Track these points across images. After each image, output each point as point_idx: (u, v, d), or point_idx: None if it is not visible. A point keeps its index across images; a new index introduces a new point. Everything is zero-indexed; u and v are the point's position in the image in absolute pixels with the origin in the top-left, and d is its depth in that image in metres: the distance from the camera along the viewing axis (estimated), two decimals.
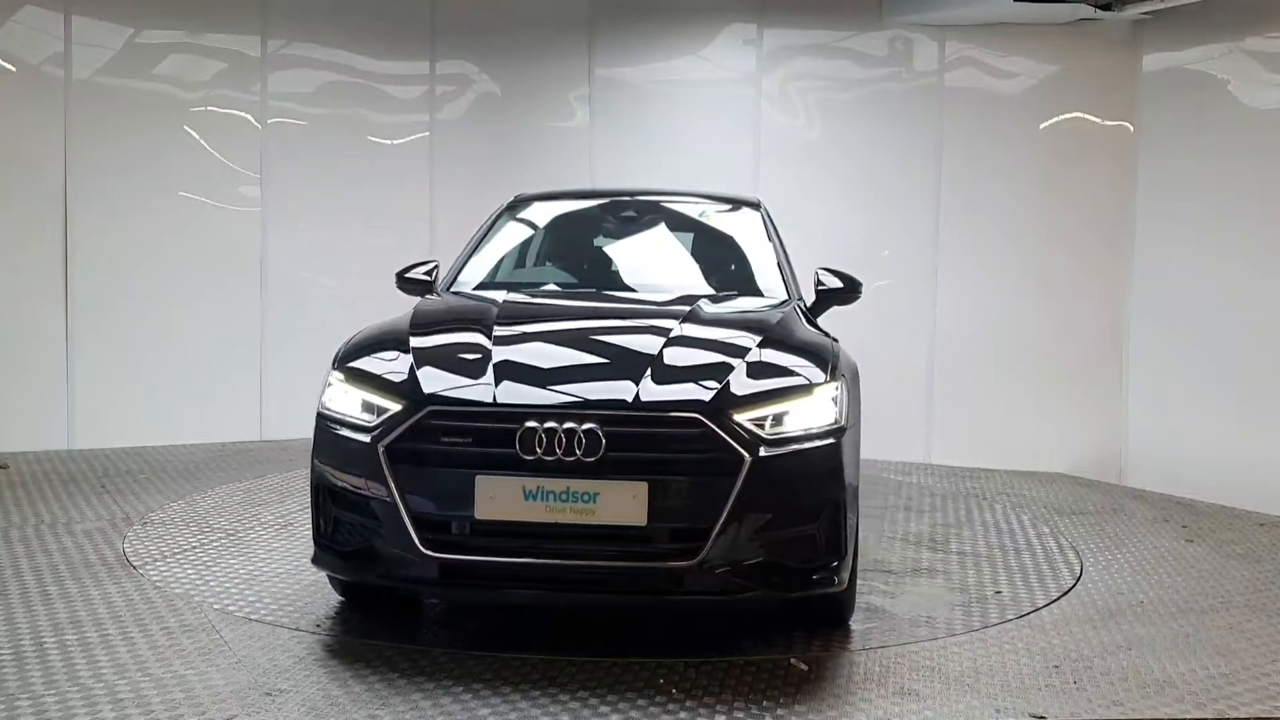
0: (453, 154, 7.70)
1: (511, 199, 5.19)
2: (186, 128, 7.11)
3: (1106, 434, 6.88)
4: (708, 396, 3.28)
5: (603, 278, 4.73)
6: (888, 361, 7.09)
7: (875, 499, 5.99)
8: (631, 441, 3.20)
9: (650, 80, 7.63)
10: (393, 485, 3.23)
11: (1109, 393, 6.87)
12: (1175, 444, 6.50)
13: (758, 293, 4.43)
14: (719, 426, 3.20)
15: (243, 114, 7.25)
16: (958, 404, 7.16)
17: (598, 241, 5.03)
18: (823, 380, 3.46)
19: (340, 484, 3.38)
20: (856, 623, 3.83)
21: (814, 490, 3.32)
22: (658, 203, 5.18)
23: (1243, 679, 3.43)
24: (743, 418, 3.25)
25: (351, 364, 3.55)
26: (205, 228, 7.14)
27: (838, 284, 4.49)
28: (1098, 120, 6.96)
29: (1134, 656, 3.60)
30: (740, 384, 3.37)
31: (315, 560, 3.51)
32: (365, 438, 3.29)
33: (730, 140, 7.45)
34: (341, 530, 3.40)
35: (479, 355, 3.49)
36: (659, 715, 2.99)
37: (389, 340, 3.66)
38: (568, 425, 3.16)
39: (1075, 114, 6.99)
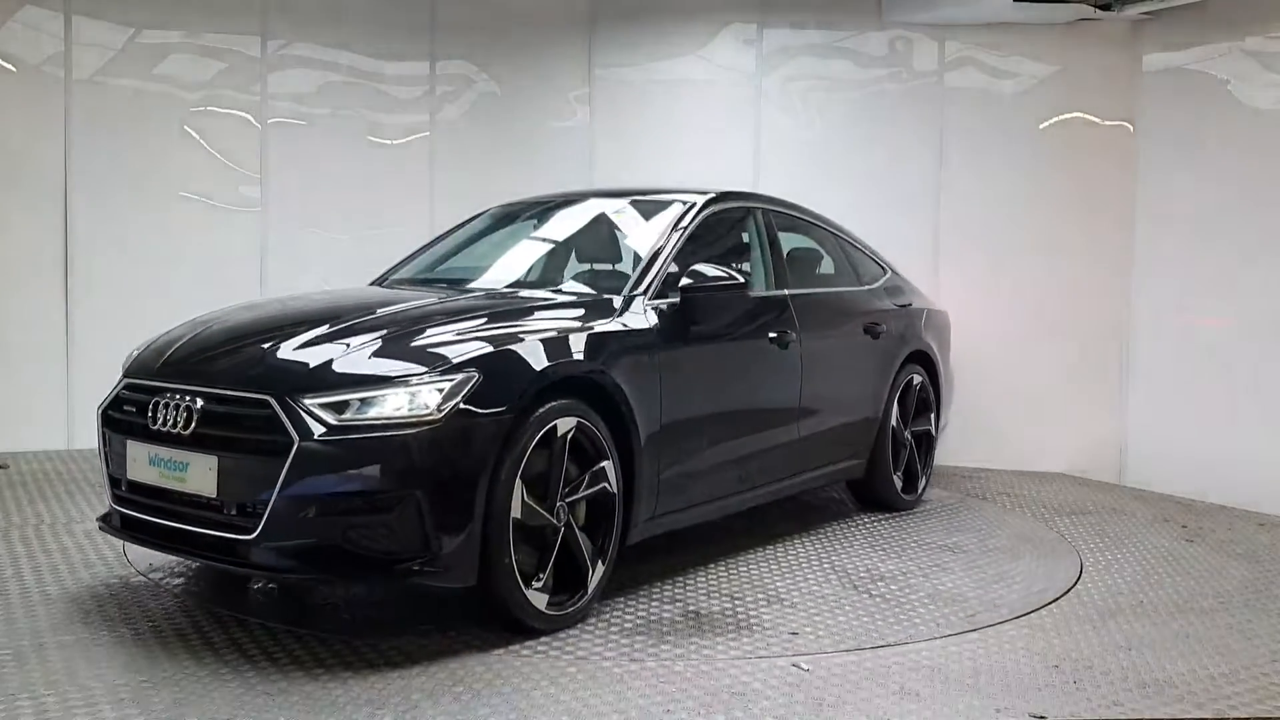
0: (453, 154, 7.71)
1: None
2: (186, 128, 7.11)
3: (1106, 434, 6.88)
4: (276, 379, 3.43)
5: (466, 274, 4.88)
6: None
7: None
8: (214, 419, 3.45)
9: (650, 80, 7.63)
10: (100, 445, 3.85)
11: (1109, 393, 6.87)
12: (1175, 444, 6.50)
13: (598, 288, 4.38)
14: (282, 409, 3.30)
15: (243, 114, 7.25)
16: (957, 404, 7.15)
17: (502, 242, 5.16)
18: (423, 371, 3.40)
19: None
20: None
21: (389, 480, 3.27)
22: (591, 203, 5.21)
23: (1243, 679, 3.43)
24: (313, 402, 3.30)
25: (135, 350, 4.09)
26: (205, 228, 7.14)
27: (708, 282, 4.30)
28: (1098, 120, 6.96)
29: (1134, 656, 3.60)
30: (327, 370, 3.44)
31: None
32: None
33: (730, 140, 7.45)
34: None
35: (179, 339, 3.95)
36: (659, 715, 2.99)
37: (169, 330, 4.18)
38: (179, 402, 3.51)
39: (1075, 114, 6.99)
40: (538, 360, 3.62)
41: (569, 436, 3.66)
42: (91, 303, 6.84)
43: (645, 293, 4.26)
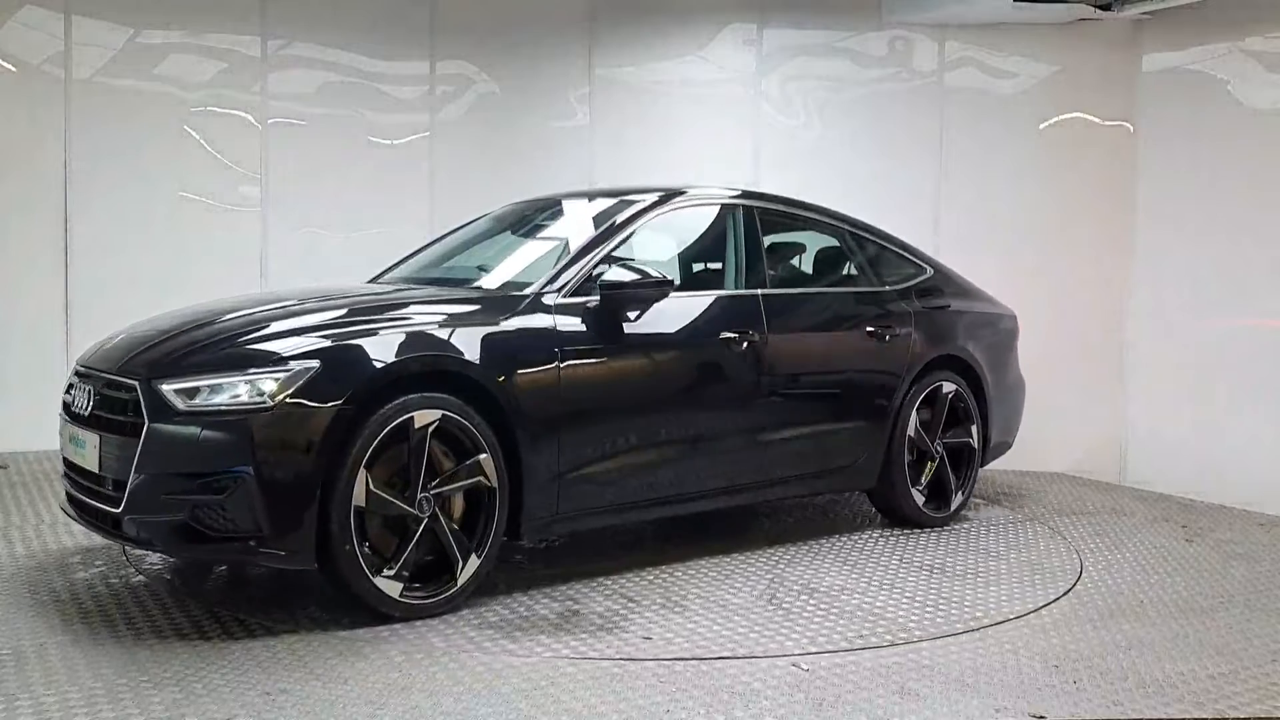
0: (453, 154, 7.71)
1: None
2: (186, 128, 7.12)
3: (1106, 434, 6.88)
4: (147, 365, 3.66)
5: (450, 273, 4.96)
6: None
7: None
8: (103, 401, 3.75)
9: (650, 80, 7.63)
10: (59, 430, 4.04)
11: (1109, 393, 6.88)
12: (1175, 444, 6.50)
13: (519, 285, 4.36)
14: (143, 393, 3.56)
15: (243, 114, 7.26)
16: None
17: (491, 243, 5.18)
18: (266, 362, 3.57)
19: None
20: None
21: (223, 463, 3.46)
22: (564, 204, 5.21)
23: (1243, 679, 3.43)
24: (169, 388, 3.54)
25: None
26: (205, 228, 7.14)
27: (629, 280, 4.23)
28: (1098, 120, 6.97)
29: (1134, 656, 3.60)
30: (189, 358, 3.65)
31: None
32: None
33: (730, 140, 7.45)
34: None
35: (123, 331, 4.13)
36: (659, 715, 2.99)
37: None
38: (88, 386, 3.83)
39: (1075, 114, 7.00)
40: (383, 354, 3.68)
41: (431, 429, 3.70)
42: (91, 303, 6.84)
43: (560, 290, 4.21)
